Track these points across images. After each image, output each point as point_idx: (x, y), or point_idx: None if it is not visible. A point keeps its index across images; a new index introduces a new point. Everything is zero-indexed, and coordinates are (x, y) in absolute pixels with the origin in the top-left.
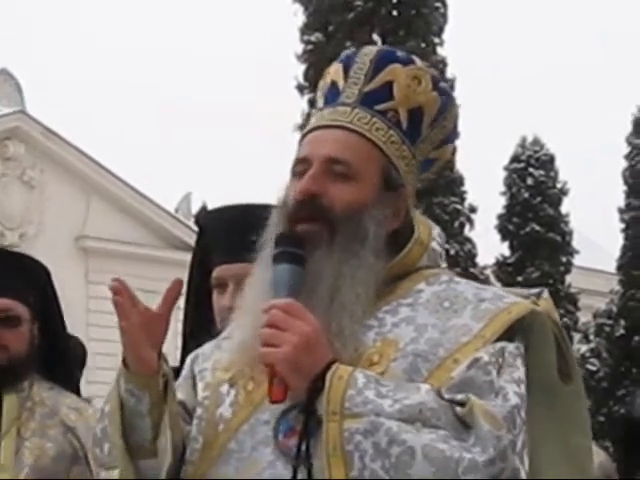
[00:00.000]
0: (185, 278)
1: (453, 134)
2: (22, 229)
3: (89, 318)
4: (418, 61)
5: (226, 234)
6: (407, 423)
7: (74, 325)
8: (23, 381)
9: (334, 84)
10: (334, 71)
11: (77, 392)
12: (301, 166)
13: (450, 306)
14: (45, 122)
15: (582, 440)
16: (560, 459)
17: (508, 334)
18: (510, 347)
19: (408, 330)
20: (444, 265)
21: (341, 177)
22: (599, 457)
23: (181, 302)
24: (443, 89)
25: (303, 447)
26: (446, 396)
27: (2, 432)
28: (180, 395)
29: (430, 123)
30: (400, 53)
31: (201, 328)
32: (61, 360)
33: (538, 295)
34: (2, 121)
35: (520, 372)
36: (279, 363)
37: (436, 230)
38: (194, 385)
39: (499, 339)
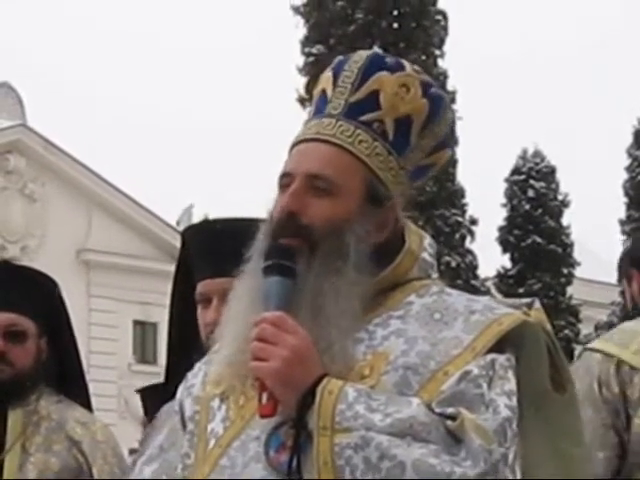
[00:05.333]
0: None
1: (448, 139)
2: (24, 242)
3: (91, 331)
4: (408, 67)
5: (210, 248)
6: (398, 437)
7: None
8: (29, 395)
9: (324, 93)
10: (325, 79)
11: (88, 405)
12: (285, 180)
13: (441, 318)
14: (46, 135)
15: (578, 451)
16: (558, 473)
17: (499, 345)
18: (501, 359)
19: (398, 343)
20: (435, 275)
21: (322, 192)
22: None
23: None
24: (433, 94)
25: (294, 463)
26: (437, 410)
27: (6, 447)
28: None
29: (420, 131)
30: (390, 59)
31: (185, 343)
32: (71, 373)
33: (530, 305)
34: (3, 134)
35: (511, 384)
36: (268, 377)
37: (427, 240)
38: (182, 419)
39: (490, 351)
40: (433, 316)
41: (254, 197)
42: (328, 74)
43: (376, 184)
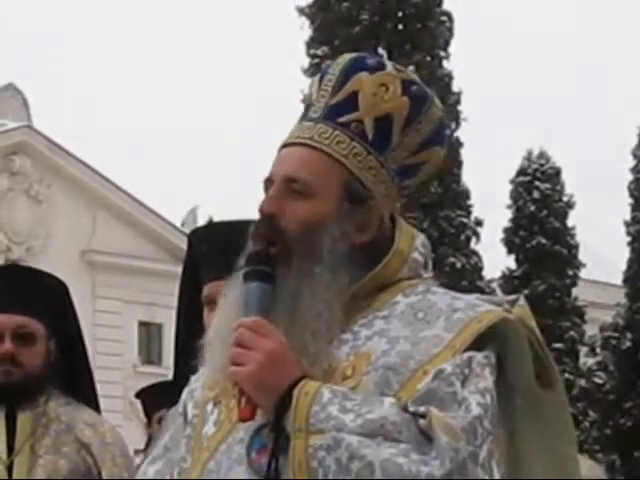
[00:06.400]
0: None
1: (437, 137)
2: (29, 243)
3: (96, 332)
4: (389, 67)
5: (216, 251)
6: (368, 438)
7: None
8: (38, 398)
9: (310, 98)
10: (312, 84)
11: (96, 407)
12: (268, 185)
13: (424, 317)
14: (52, 137)
15: (568, 448)
16: (551, 469)
17: (478, 343)
18: (478, 357)
19: (381, 343)
20: (427, 275)
21: (298, 195)
22: (585, 463)
23: None
24: (415, 92)
25: (273, 465)
26: (410, 409)
27: (15, 450)
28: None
29: (402, 129)
30: (371, 60)
31: (193, 344)
32: (80, 374)
33: (513, 302)
34: (8, 136)
35: (487, 382)
36: (244, 381)
37: (419, 240)
38: (185, 420)
39: (468, 348)
40: (416, 315)
41: (259, 199)
42: (315, 79)
43: (355, 184)
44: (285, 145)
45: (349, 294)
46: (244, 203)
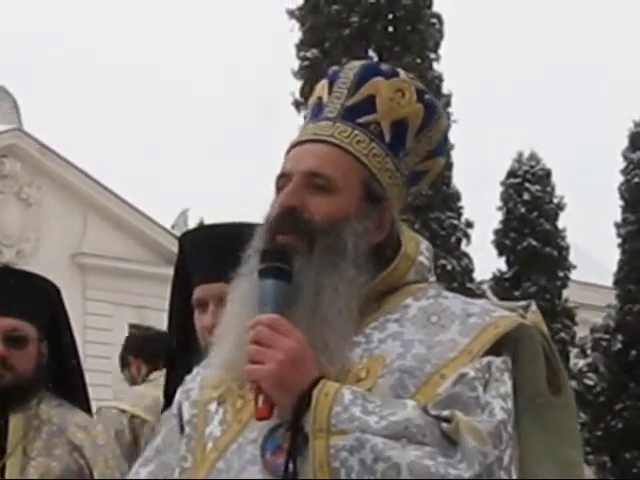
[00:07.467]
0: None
1: (441, 147)
2: (19, 246)
3: (86, 335)
4: (403, 74)
5: (206, 254)
6: (393, 439)
7: None
8: (30, 400)
9: (320, 100)
10: (320, 87)
11: (88, 409)
12: (283, 181)
13: (437, 321)
14: (42, 139)
15: (575, 454)
16: (556, 474)
17: (495, 348)
18: (497, 362)
19: (395, 346)
20: (432, 279)
21: (321, 190)
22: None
23: None
24: (428, 101)
25: (290, 465)
26: (432, 412)
27: (8, 452)
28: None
29: (415, 135)
30: (384, 67)
31: (185, 347)
32: (71, 377)
33: (526, 308)
34: None
35: (507, 387)
36: (264, 380)
37: (424, 244)
38: (180, 421)
39: (486, 354)
40: (430, 319)
41: (250, 200)
42: (323, 82)
43: (373, 183)
44: (299, 142)
45: (364, 293)
46: (235, 206)
